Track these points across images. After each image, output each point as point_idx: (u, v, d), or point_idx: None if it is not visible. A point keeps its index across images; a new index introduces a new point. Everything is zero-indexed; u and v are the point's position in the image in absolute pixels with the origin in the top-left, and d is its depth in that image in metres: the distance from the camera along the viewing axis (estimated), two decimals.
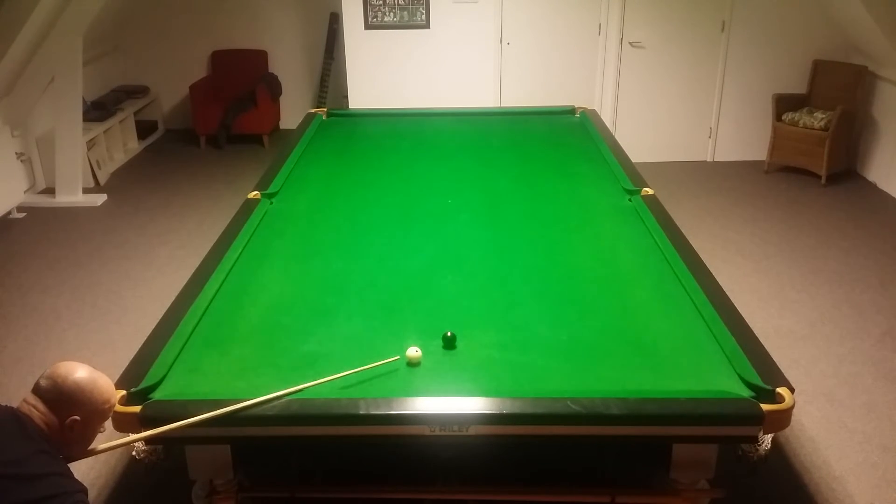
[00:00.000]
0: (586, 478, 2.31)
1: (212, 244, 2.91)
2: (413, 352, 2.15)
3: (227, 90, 7.10)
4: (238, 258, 2.80)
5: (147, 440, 1.95)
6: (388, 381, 2.08)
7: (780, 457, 2.95)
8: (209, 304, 2.47)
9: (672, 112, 6.32)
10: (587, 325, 2.37)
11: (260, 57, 7.25)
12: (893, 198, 5.59)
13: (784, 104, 6.00)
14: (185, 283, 2.62)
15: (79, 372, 1.72)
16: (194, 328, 2.33)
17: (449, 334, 2.25)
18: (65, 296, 4.31)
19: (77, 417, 1.68)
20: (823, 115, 5.76)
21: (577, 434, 1.97)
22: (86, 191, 5.85)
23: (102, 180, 6.15)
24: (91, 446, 1.81)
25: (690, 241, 2.91)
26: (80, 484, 1.64)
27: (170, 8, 7.16)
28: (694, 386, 2.05)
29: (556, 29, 6.10)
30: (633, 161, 3.81)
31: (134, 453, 2.00)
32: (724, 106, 6.29)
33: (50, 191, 5.82)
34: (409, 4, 6.04)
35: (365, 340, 2.28)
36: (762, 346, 2.22)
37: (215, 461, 2.08)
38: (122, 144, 6.78)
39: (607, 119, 6.13)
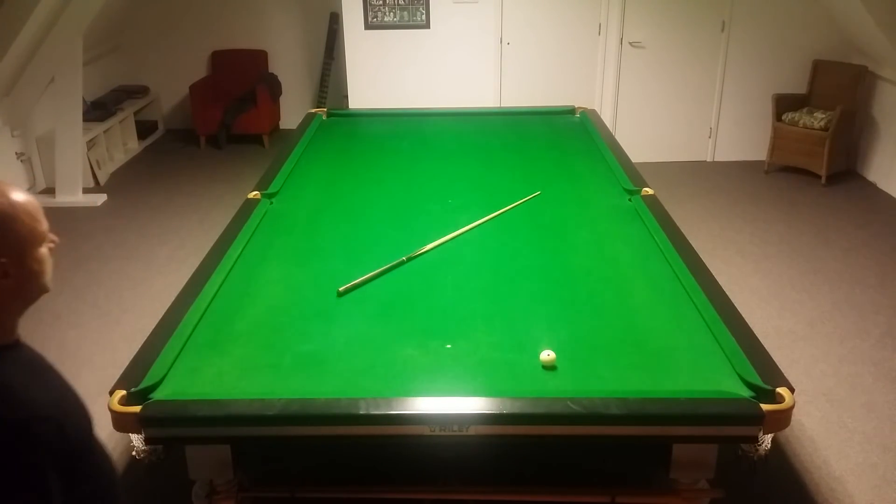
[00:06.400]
0: (586, 478, 2.31)
1: (212, 244, 2.91)
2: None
3: (227, 90, 7.09)
4: (238, 258, 2.80)
5: (148, 440, 1.95)
6: (389, 382, 2.08)
7: (780, 457, 2.95)
8: (209, 305, 2.47)
9: (672, 112, 6.32)
10: (587, 324, 2.37)
11: (260, 57, 7.25)
12: (893, 198, 5.59)
13: (784, 104, 6.00)
14: (185, 283, 2.62)
15: None
16: (194, 328, 2.33)
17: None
18: (65, 296, 4.31)
19: (4, 259, 1.21)
20: (823, 115, 5.76)
21: (577, 434, 1.97)
22: (86, 191, 5.84)
23: (102, 180, 6.15)
24: None
25: (690, 241, 2.91)
26: (44, 410, 1.19)
27: (170, 8, 7.15)
28: (694, 386, 2.05)
29: (556, 29, 6.10)
30: (633, 161, 3.81)
31: (134, 453, 1.99)
32: (724, 106, 6.28)
33: (50, 191, 5.82)
34: (409, 4, 6.04)
35: (365, 340, 2.28)
36: (762, 346, 2.22)
37: (215, 461, 2.08)
38: (122, 144, 6.78)
39: (607, 119, 6.13)
